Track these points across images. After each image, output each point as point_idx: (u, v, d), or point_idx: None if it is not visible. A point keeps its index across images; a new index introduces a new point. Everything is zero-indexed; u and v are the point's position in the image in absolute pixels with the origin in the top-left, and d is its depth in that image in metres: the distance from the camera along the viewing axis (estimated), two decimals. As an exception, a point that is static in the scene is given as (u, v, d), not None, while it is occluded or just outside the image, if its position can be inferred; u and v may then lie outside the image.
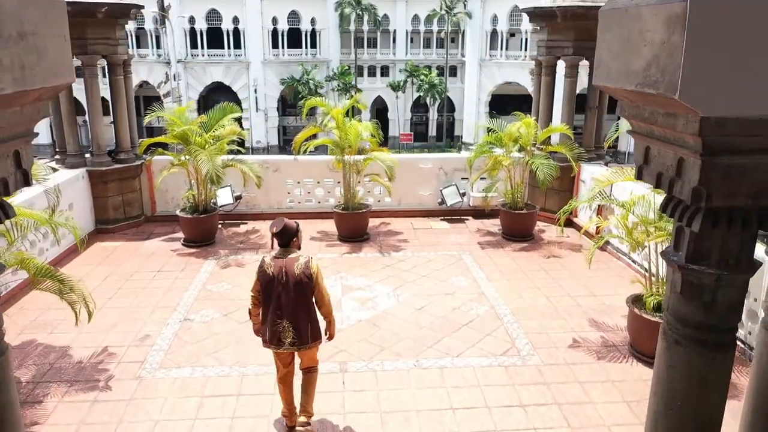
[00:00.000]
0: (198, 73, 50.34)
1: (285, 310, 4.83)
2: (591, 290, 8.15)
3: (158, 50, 50.46)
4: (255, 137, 50.99)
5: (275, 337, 4.90)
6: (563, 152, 9.92)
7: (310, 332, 4.93)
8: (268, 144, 51.68)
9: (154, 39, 50.33)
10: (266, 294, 4.89)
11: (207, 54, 50.06)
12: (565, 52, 10.47)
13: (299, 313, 4.86)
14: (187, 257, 9.47)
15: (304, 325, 4.88)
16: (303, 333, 4.89)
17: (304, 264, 4.86)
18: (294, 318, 4.85)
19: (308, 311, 4.92)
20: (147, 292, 8.13)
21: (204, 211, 9.91)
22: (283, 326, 4.84)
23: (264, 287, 4.89)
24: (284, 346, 4.91)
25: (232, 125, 9.67)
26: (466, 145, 52.84)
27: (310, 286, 4.86)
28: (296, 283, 4.81)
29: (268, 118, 51.37)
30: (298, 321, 4.86)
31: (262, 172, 10.98)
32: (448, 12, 50.58)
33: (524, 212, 10.15)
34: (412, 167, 11.32)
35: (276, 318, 4.85)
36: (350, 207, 10.10)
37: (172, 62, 49.34)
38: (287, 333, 4.85)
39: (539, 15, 10.61)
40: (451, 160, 11.54)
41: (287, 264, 4.84)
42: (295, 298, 4.82)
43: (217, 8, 49.04)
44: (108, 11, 9.81)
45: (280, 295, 4.82)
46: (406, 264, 9.13)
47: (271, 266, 4.86)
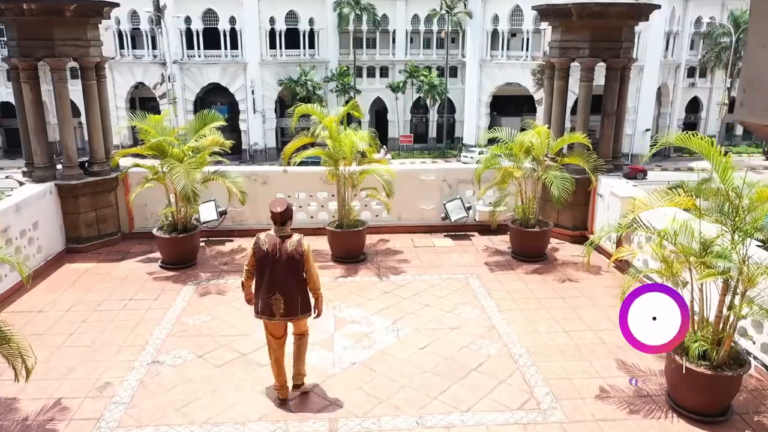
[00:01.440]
0: (194, 74, 49.56)
1: (278, 284, 5.27)
2: (615, 322, 7.16)
3: (154, 51, 49.72)
4: (252, 139, 50.40)
5: (268, 308, 5.34)
6: (580, 164, 8.98)
7: (300, 304, 5.38)
8: (266, 146, 50.99)
9: (150, 39, 49.54)
10: (260, 268, 5.34)
11: (203, 55, 49.34)
12: (581, 54, 9.54)
13: (291, 286, 5.30)
14: (164, 282, 8.54)
15: (294, 297, 5.32)
16: (293, 305, 5.33)
17: (296, 242, 5.33)
18: (286, 290, 5.29)
19: (299, 285, 5.36)
20: (115, 325, 7.20)
21: (184, 230, 8.98)
22: (275, 298, 5.27)
23: (258, 262, 5.34)
24: (276, 317, 5.35)
25: (214, 135, 8.74)
26: (467, 146, 52.11)
27: (301, 263, 5.32)
28: (288, 259, 5.27)
29: (266, 120, 50.65)
30: (290, 293, 5.30)
31: (249, 185, 10.08)
32: (449, 12, 49.89)
33: (536, 230, 9.21)
34: (413, 179, 10.40)
35: (269, 291, 5.29)
36: (345, 224, 9.17)
37: (167, 63, 48.48)
38: (279, 305, 5.29)
39: (552, 13, 9.68)
40: (455, 172, 10.61)
41: (281, 241, 5.31)
42: (287, 273, 5.27)
43: (214, 8, 48.29)
44: (78, 9, 8.88)
45: (274, 269, 5.26)
46: (407, 290, 8.21)
47: (266, 243, 5.32)
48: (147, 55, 49.86)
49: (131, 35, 49.86)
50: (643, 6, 9.44)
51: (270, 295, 5.28)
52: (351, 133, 8.57)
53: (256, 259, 5.34)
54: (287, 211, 5.38)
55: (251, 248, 5.39)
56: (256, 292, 5.42)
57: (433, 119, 54.88)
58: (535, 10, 10.17)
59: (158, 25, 46.29)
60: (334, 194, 9.85)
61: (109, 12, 9.69)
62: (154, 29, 48.13)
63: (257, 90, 49.36)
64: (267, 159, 50.16)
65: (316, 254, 9.50)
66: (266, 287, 5.30)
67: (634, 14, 9.43)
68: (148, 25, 48.37)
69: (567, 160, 9.10)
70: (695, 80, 53.54)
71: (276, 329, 5.45)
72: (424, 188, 10.46)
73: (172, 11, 46.54)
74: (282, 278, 5.26)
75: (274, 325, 5.42)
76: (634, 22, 9.61)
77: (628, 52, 9.71)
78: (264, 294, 5.32)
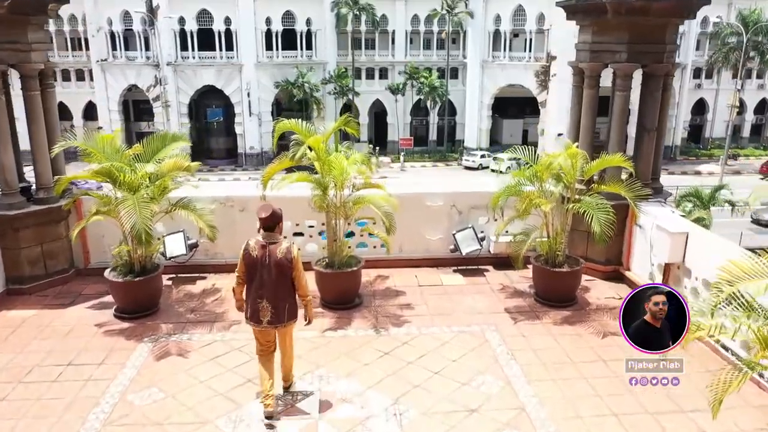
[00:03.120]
0: (188, 76, 48.37)
1: (265, 290, 5.29)
2: (679, 404, 5.67)
3: (147, 52, 48.46)
4: (248, 143, 49.26)
5: (255, 315, 5.37)
6: (621, 193, 7.45)
7: (287, 311, 5.40)
8: (262, 150, 49.79)
9: (143, 41, 48.27)
10: (249, 274, 5.35)
11: (198, 56, 48.31)
12: (617, 58, 8.02)
13: (279, 293, 5.32)
14: (115, 337, 7.01)
15: (282, 304, 5.34)
16: (281, 312, 5.35)
17: (285, 249, 5.33)
18: (273, 297, 5.31)
19: (287, 291, 5.38)
20: (40, 407, 5.66)
21: (142, 271, 7.44)
22: (262, 305, 5.30)
23: (247, 268, 5.34)
24: (263, 324, 5.37)
25: (177, 158, 7.19)
26: (468, 149, 50.90)
27: (290, 269, 5.32)
28: (277, 265, 5.27)
29: (262, 122, 49.43)
30: (277, 300, 5.33)
31: (225, 212, 8.59)
32: (449, 12, 48.80)
33: (566, 270, 7.67)
34: (416, 205, 8.87)
35: (257, 297, 5.33)
36: (336, 263, 7.63)
37: (161, 65, 47.10)
38: (266, 312, 5.31)
39: (582, 10, 8.16)
40: (466, 196, 9.05)
41: (270, 247, 5.30)
42: (276, 279, 5.28)
43: (208, 8, 47.17)
44: (13, 6, 7.34)
45: (263, 275, 5.28)
46: (411, 350, 6.67)
47: (255, 249, 5.31)
48: (140, 57, 48.74)
49: (124, 36, 48.75)
50: (693, 1, 7.93)
51: (257, 301, 5.32)
52: (341, 157, 7.03)
53: (246, 265, 5.34)
54: (273, 216, 5.34)
55: (241, 253, 5.37)
56: (246, 298, 5.43)
57: (434, 121, 53.87)
58: (561, 6, 8.65)
59: (151, 26, 44.88)
60: (324, 222, 8.32)
61: (56, 10, 8.17)
62: (147, 30, 46.77)
63: (253, 92, 48.33)
64: (263, 163, 48.78)
65: (303, 296, 8.02)
66: (254, 293, 5.34)
67: (681, 11, 7.93)
68: (141, 26, 47.11)
69: (606, 188, 7.53)
70: (701, 81, 52.17)
71: (263, 335, 5.46)
72: (429, 215, 8.94)
73: (165, 12, 45.19)
74: (269, 285, 5.28)
75: (261, 332, 5.43)
76: (680, 20, 8.11)
77: (672, 56, 8.21)
78: (252, 300, 5.36)
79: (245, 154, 49.55)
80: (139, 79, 48.54)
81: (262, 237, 5.33)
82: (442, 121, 53.11)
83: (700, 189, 30.93)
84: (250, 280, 5.33)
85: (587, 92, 8.43)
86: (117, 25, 47.79)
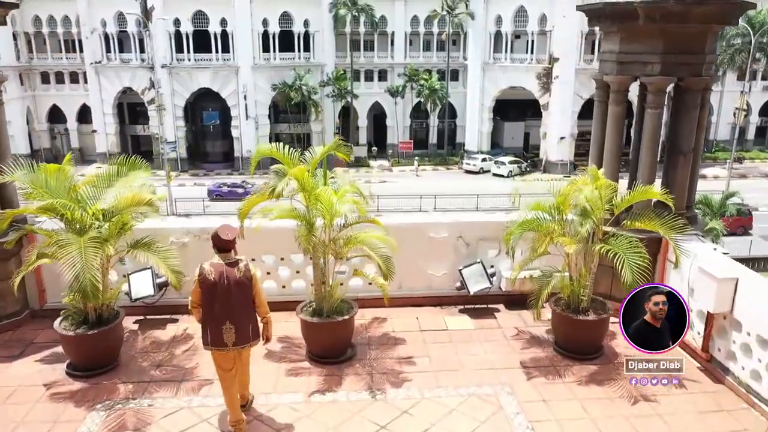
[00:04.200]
0: (184, 79, 47.61)
1: (228, 313, 5.21)
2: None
3: (142, 54, 47.72)
4: (245, 146, 48.45)
5: (219, 338, 5.24)
6: (658, 231, 6.37)
7: (251, 330, 5.37)
8: (259, 153, 48.52)
9: (137, 43, 47.42)
10: (208, 298, 5.21)
11: (193, 58, 47.67)
12: (649, 71, 6.95)
13: (242, 313, 5.29)
14: (64, 403, 5.94)
15: (245, 324, 5.31)
16: (245, 332, 5.31)
17: (244, 267, 5.29)
18: (236, 319, 5.25)
19: (249, 311, 5.36)
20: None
21: (98, 322, 6.37)
22: (226, 328, 5.21)
23: (206, 292, 5.21)
24: (228, 347, 5.26)
25: (139, 191, 6.12)
26: (469, 153, 50.03)
27: (250, 288, 5.31)
28: (238, 286, 5.22)
29: (259, 126, 48.72)
30: (241, 321, 5.28)
31: (199, 245, 7.48)
32: (450, 12, 48.06)
33: (591, 319, 6.60)
34: (418, 236, 7.80)
35: (219, 321, 5.22)
36: (326, 310, 6.56)
37: (156, 67, 46.14)
38: (230, 334, 5.23)
39: (608, 15, 7.08)
40: (474, 226, 7.97)
41: (227, 268, 5.22)
42: (238, 300, 5.24)
43: (204, 10, 46.46)
44: (-52, 12, 6.30)
45: (223, 298, 5.18)
46: (412, 422, 5.59)
47: (212, 272, 5.20)
48: (135, 59, 48.16)
49: (118, 38, 48.12)
50: (738, 4, 6.86)
51: (220, 325, 5.21)
52: (330, 193, 5.95)
53: (203, 290, 5.21)
54: (235, 238, 5.32)
55: (196, 279, 5.23)
56: (204, 323, 5.29)
57: (434, 124, 53.23)
58: (582, 10, 7.57)
59: (146, 28, 43.91)
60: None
61: (3, 15, 7.11)
62: (141, 32, 45.83)
63: (250, 95, 47.72)
64: (260, 167, 47.53)
65: (286, 347, 7.00)
66: (216, 317, 5.21)
67: (724, 16, 6.89)
68: (135, 28, 46.23)
69: (640, 225, 6.45)
70: (706, 83, 51.08)
71: (226, 361, 5.34)
72: (433, 248, 7.86)
73: (160, 13, 44.20)
74: (232, 306, 5.21)
75: (224, 355, 5.32)
76: (721, 27, 7.06)
77: (710, 67, 7.13)
78: (213, 325, 5.24)
79: (242, 157, 48.69)
80: (133, 81, 47.87)
81: (220, 259, 5.24)
82: (443, 124, 52.40)
83: (709, 196, 29.85)
84: (209, 304, 5.20)
85: (613, 109, 7.36)
86: (111, 26, 47.10)
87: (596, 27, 7.49)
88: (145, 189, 6.19)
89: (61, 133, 52.91)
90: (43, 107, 50.95)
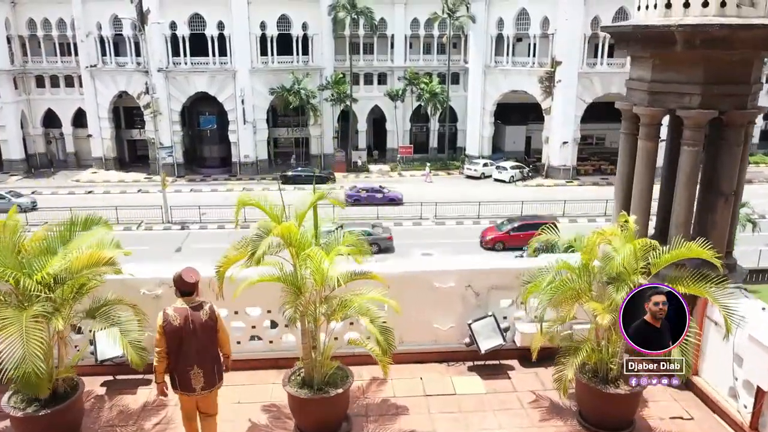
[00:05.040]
0: (180, 83, 46.80)
1: (195, 357, 5.12)
2: None
3: (138, 58, 46.91)
4: (242, 151, 47.78)
5: (187, 383, 5.17)
6: (703, 295, 5.50)
7: (217, 372, 5.31)
8: (257, 158, 48.37)
9: (133, 46, 46.60)
10: (174, 345, 5.09)
11: (190, 62, 46.84)
12: (687, 102, 6.08)
13: (208, 357, 5.22)
14: (9, 499, 5.11)
15: (212, 367, 5.25)
16: (212, 375, 5.25)
17: (209, 310, 5.20)
18: (203, 363, 5.17)
19: (214, 354, 5.30)
20: None
21: (53, 398, 5.49)
22: (194, 372, 5.14)
23: (171, 339, 5.07)
24: (197, 391, 5.20)
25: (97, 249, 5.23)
26: (470, 157, 49.22)
27: (215, 330, 5.24)
28: (204, 329, 5.12)
29: (257, 130, 47.98)
30: (208, 364, 5.20)
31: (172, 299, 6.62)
32: (450, 15, 47.27)
33: (623, 392, 5.71)
34: (422, 285, 6.93)
35: (186, 365, 5.13)
36: (316, 382, 5.69)
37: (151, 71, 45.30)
38: (198, 378, 5.16)
39: (640, 39, 6.20)
40: (485, 275, 7.07)
41: (192, 312, 5.12)
42: (204, 345, 5.15)
43: (201, 12, 45.61)
44: None
45: (190, 343, 5.07)
46: None
47: (176, 317, 5.06)
48: (130, 63, 47.40)
49: (114, 42, 47.28)
50: (791, 28, 5.99)
51: (188, 370, 5.11)
52: (322, 255, 5.06)
53: (168, 337, 5.06)
54: (199, 281, 5.20)
55: (159, 326, 5.08)
56: (170, 368, 5.17)
57: (434, 128, 52.53)
58: (607, 32, 6.80)
59: (142, 31, 43.05)
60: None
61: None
62: (137, 35, 44.99)
63: (247, 99, 46.89)
64: (258, 172, 47.50)
65: (274, 413, 6.11)
66: (183, 362, 5.11)
67: (776, 41, 6.02)
68: (131, 31, 45.40)
69: (683, 288, 5.53)
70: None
71: (191, 405, 5.32)
72: (438, 298, 6.99)
73: (156, 16, 43.35)
74: (199, 350, 5.11)
75: (191, 400, 5.27)
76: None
77: (755, 98, 6.27)
78: (181, 369, 5.13)
79: (240, 162, 47.98)
80: (129, 85, 47.17)
81: (184, 302, 5.12)
82: (443, 128, 51.62)
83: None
84: (176, 350, 5.09)
85: (644, 145, 6.48)
86: (106, 29, 46.39)
87: (625, 51, 6.59)
88: (108, 244, 5.30)
89: (56, 138, 52.18)
90: (38, 111, 50.22)
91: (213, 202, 37.26)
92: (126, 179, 46.93)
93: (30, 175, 47.98)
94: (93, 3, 45.78)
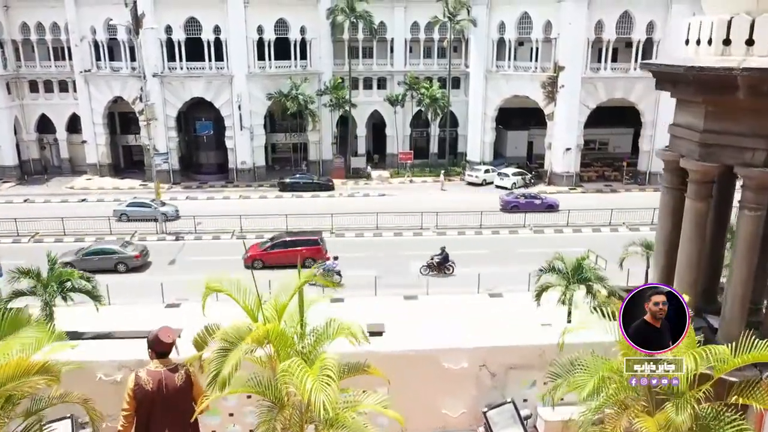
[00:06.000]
0: (176, 88, 45.96)
1: (168, 425, 4.75)
2: None
3: (133, 63, 45.88)
4: (239, 158, 46.91)
5: None
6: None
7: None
8: (254, 165, 47.50)
9: (128, 51, 45.67)
10: (145, 411, 4.75)
11: (186, 67, 45.90)
12: (749, 159, 5.06)
13: (183, 423, 4.79)
14: None
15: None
16: None
17: (184, 373, 4.83)
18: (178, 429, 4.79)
19: (189, 418, 4.77)
20: None
21: None
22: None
23: (141, 404, 4.75)
24: None
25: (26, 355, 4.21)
26: (471, 163, 48.30)
27: (190, 393, 4.86)
28: (179, 394, 4.76)
29: (254, 136, 47.19)
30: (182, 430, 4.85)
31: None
32: (451, 19, 46.45)
33: None
34: (429, 365, 5.93)
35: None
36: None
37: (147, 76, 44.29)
38: None
39: (692, 82, 5.18)
40: (502, 353, 6.05)
41: (166, 376, 4.79)
42: (179, 411, 4.75)
43: (197, 16, 44.70)
44: None
45: (163, 409, 4.71)
46: None
47: (149, 381, 4.73)
48: (125, 68, 46.43)
49: (108, 46, 46.43)
50: None
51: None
52: (305, 370, 4.03)
53: (138, 402, 4.68)
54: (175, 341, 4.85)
55: (129, 389, 4.71)
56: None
57: (435, 133, 51.74)
58: (647, 69, 5.69)
59: (137, 35, 42.08)
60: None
61: None
62: (132, 40, 43.99)
63: (244, 105, 46.00)
64: (255, 179, 46.69)
65: None
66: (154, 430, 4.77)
67: None
68: (126, 36, 44.40)
69: (756, 402, 4.52)
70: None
71: None
72: (448, 380, 5.99)
73: (151, 20, 42.39)
74: (174, 418, 4.73)
75: None
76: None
77: (828, 154, 5.25)
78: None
79: (237, 169, 47.07)
80: (124, 90, 46.30)
81: (157, 365, 4.81)
82: (444, 133, 50.74)
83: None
84: (146, 417, 4.72)
85: (693, 205, 5.45)
86: (101, 34, 45.52)
87: (671, 93, 5.56)
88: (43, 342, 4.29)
89: (50, 144, 51.29)
90: (32, 117, 49.37)
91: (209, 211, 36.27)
92: (121, 186, 45.97)
93: (23, 182, 47.10)
94: (87, 7, 44.88)
